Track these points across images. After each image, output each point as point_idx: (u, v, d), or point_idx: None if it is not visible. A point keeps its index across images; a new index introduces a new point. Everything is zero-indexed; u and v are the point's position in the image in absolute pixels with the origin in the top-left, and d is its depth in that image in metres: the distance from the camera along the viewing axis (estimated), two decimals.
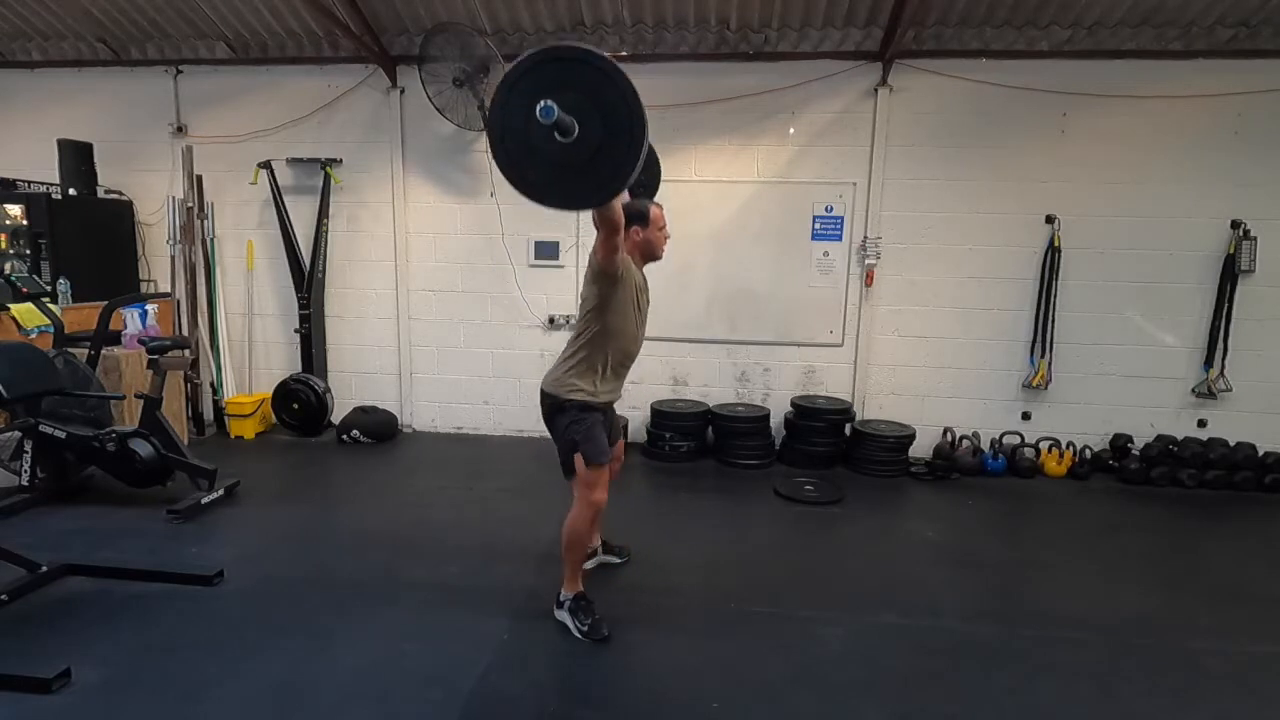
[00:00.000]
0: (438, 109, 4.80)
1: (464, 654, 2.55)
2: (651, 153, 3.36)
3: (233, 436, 5.29)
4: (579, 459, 2.69)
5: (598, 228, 2.45)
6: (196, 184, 5.19)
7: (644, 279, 2.84)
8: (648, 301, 2.86)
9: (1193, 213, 4.64)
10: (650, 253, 2.83)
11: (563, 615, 2.76)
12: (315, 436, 5.33)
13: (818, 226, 4.96)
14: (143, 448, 3.78)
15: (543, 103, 1.77)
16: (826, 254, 4.98)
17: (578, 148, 1.91)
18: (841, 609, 2.95)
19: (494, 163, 2.04)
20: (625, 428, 3.66)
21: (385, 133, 5.19)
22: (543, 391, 2.78)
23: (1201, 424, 4.84)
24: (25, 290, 4.15)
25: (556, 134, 1.88)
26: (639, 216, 2.77)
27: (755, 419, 4.93)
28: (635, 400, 5.14)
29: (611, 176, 1.98)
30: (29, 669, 2.31)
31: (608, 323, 2.67)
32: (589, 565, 3.08)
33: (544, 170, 1.98)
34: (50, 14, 5.02)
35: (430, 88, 4.74)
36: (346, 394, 5.52)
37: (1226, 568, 3.52)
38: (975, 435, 4.89)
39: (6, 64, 5.41)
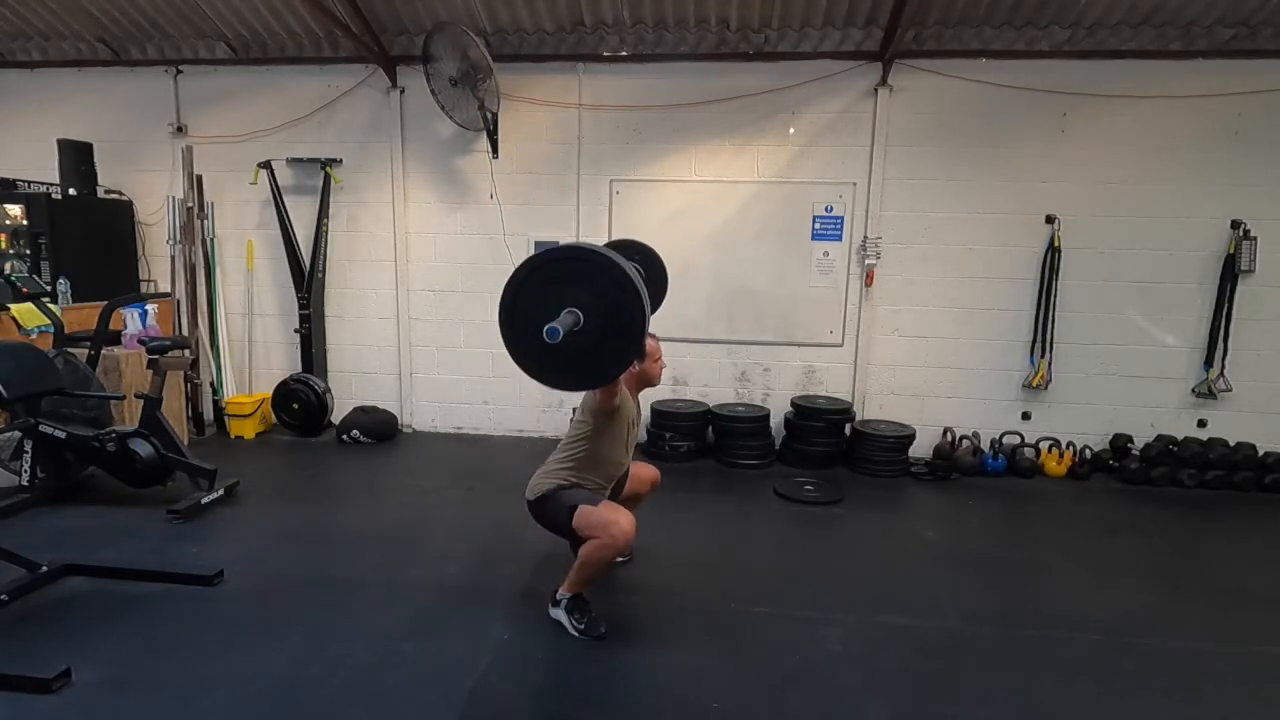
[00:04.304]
0: (441, 106, 4.80)
1: (464, 654, 2.55)
2: (657, 264, 3.60)
3: (233, 436, 5.29)
4: (580, 514, 2.64)
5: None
6: (196, 184, 5.19)
7: (637, 409, 2.97)
8: (638, 429, 3.02)
9: (1193, 213, 4.64)
10: (647, 381, 2.95)
11: (558, 613, 2.75)
12: (315, 436, 5.34)
13: (818, 226, 4.96)
14: (143, 448, 3.77)
15: (548, 327, 1.97)
16: (826, 254, 4.98)
17: (585, 337, 2.10)
18: (841, 609, 2.95)
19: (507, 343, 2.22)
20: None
21: (385, 133, 5.19)
22: (528, 501, 2.83)
23: (1201, 424, 4.84)
24: (25, 290, 4.14)
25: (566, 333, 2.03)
26: None
27: (755, 419, 4.93)
28: None
29: (618, 359, 2.21)
30: (29, 669, 2.30)
31: (596, 448, 2.78)
32: None
33: (559, 360, 2.13)
34: (50, 14, 5.02)
35: (433, 84, 4.74)
36: (346, 394, 5.52)
37: (1227, 568, 3.52)
38: (975, 435, 4.89)
39: (6, 64, 5.41)
